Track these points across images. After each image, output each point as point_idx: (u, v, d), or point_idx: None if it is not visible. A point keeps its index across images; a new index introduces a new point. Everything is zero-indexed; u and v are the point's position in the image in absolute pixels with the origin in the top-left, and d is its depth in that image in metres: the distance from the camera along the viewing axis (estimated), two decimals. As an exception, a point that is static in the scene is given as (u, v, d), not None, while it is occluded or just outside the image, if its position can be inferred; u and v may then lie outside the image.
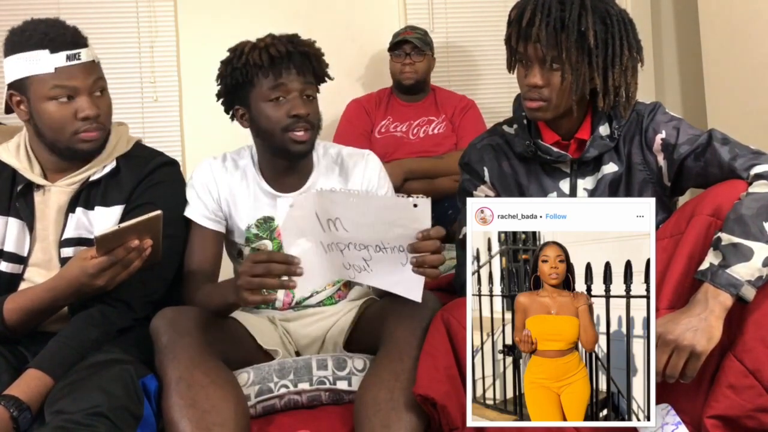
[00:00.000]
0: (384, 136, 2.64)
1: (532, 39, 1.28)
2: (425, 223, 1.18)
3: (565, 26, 1.27)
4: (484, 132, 1.55)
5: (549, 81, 1.31)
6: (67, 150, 1.40)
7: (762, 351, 1.09)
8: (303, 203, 1.21)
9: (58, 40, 1.35)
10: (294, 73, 1.44)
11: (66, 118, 1.37)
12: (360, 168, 1.56)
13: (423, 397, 1.16)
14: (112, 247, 1.22)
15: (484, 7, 3.13)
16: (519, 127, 1.44)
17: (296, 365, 1.39)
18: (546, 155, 1.39)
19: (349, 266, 1.24)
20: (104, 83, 1.44)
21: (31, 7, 2.84)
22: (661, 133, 1.34)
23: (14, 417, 1.16)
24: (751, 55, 2.35)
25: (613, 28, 1.29)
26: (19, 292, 1.37)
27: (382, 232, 1.19)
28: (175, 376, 1.22)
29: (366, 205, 1.20)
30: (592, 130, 1.38)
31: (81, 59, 1.37)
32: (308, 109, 1.45)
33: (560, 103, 1.33)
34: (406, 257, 1.20)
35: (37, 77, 1.35)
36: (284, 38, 1.48)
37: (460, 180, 1.53)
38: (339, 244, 1.22)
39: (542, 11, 1.28)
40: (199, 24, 2.97)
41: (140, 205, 1.43)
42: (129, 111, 2.87)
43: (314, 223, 1.21)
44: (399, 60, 2.63)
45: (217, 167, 1.55)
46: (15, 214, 1.42)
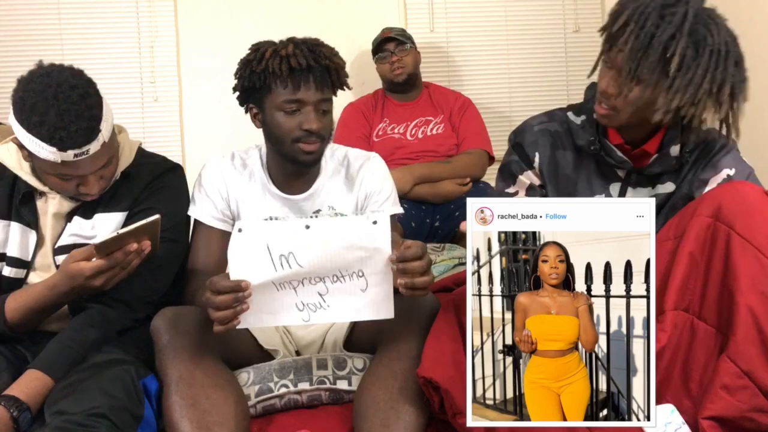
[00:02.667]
0: (382, 139, 2.64)
1: (618, 46, 1.24)
2: (385, 243, 1.14)
3: (651, 44, 1.21)
4: (542, 114, 1.49)
5: (622, 92, 1.27)
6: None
7: (755, 352, 1.09)
8: (254, 231, 1.15)
9: (67, 141, 1.25)
10: (312, 87, 1.42)
11: (69, 189, 1.37)
12: (364, 170, 1.57)
13: (426, 380, 1.15)
14: (110, 250, 1.22)
15: (484, 8, 3.13)
16: (587, 119, 1.40)
17: (296, 365, 1.39)
18: (608, 156, 1.36)
19: (302, 306, 1.18)
20: (113, 154, 1.38)
21: (31, 7, 2.85)
22: (731, 170, 1.32)
23: (14, 417, 1.16)
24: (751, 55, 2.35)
25: (702, 58, 1.22)
26: (20, 290, 1.37)
27: (339, 259, 1.15)
28: (176, 375, 1.22)
29: (322, 231, 1.15)
30: (662, 146, 1.35)
31: (90, 153, 1.29)
32: (321, 123, 1.44)
33: (629, 118, 1.30)
34: (366, 282, 1.16)
35: (43, 159, 1.28)
36: (306, 48, 1.44)
37: (506, 159, 1.47)
38: (292, 281, 1.17)
39: (637, 21, 1.23)
40: (199, 24, 2.97)
41: (142, 210, 1.43)
42: (129, 111, 2.87)
43: (265, 258, 1.15)
44: (386, 61, 2.64)
45: (226, 166, 1.55)
46: (18, 219, 1.42)
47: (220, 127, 2.93)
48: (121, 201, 1.44)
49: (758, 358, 1.08)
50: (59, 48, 2.84)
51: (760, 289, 1.11)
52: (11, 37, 2.84)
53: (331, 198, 1.55)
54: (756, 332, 1.09)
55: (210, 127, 2.97)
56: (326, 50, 1.47)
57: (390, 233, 1.16)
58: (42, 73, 1.28)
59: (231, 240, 1.15)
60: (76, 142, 1.26)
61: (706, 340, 1.16)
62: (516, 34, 3.11)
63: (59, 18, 2.88)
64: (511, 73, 3.11)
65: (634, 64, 1.23)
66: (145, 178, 1.47)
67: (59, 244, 1.41)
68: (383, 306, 1.18)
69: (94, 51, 2.87)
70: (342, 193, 1.56)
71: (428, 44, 3.07)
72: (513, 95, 3.13)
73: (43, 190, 1.42)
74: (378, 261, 1.16)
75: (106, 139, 1.32)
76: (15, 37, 2.84)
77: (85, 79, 1.31)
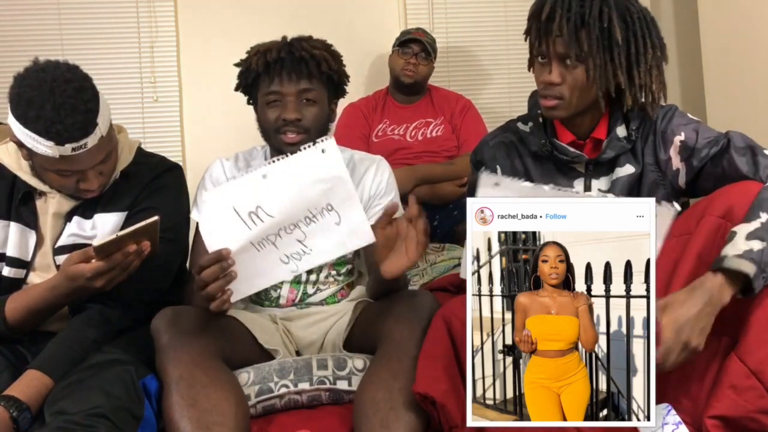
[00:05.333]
0: (381, 140, 2.64)
1: (553, 34, 1.26)
2: (341, 170, 1.18)
3: (586, 22, 1.25)
4: (497, 128, 1.53)
5: (566, 79, 1.29)
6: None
7: (765, 352, 1.08)
8: (215, 198, 1.18)
9: (64, 134, 1.25)
10: (286, 78, 1.47)
11: (69, 186, 1.37)
12: (371, 173, 1.58)
13: (422, 396, 1.15)
14: (110, 252, 1.23)
15: (484, 8, 3.13)
16: (534, 125, 1.42)
17: (296, 365, 1.39)
18: (562, 155, 1.37)
19: (287, 258, 1.21)
20: (111, 148, 1.38)
21: (31, 7, 2.85)
22: (680, 135, 1.33)
23: (14, 417, 1.16)
24: (751, 55, 2.35)
25: (635, 26, 1.27)
26: (21, 291, 1.37)
27: (305, 198, 1.18)
28: (176, 375, 1.22)
29: (280, 175, 1.17)
30: (609, 130, 1.37)
31: (87, 147, 1.29)
32: (299, 113, 1.47)
33: (577, 102, 1.31)
34: (338, 215, 1.19)
35: (41, 154, 1.29)
36: (286, 43, 1.51)
37: (470, 179, 1.51)
38: (269, 236, 1.19)
39: (562, 6, 1.26)
40: (199, 24, 2.98)
41: (142, 210, 1.43)
42: (129, 111, 2.87)
43: (236, 221, 1.17)
44: (405, 57, 2.63)
45: (229, 168, 1.57)
46: (17, 219, 1.42)
47: (220, 127, 2.93)
48: (121, 201, 1.44)
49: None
50: (59, 48, 2.84)
51: None
52: (11, 37, 2.84)
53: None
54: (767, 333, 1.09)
55: (210, 127, 2.97)
56: (308, 43, 1.51)
57: (342, 160, 1.20)
58: (37, 69, 1.28)
59: (199, 215, 1.18)
60: (72, 135, 1.26)
61: (708, 340, 1.16)
62: (516, 34, 3.09)
63: (59, 18, 2.88)
64: (511, 73, 3.12)
65: (577, 45, 1.26)
66: (144, 177, 1.47)
67: (59, 244, 1.41)
68: (361, 232, 1.21)
69: (94, 51, 2.86)
70: None
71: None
72: (513, 95, 3.14)
73: (42, 190, 1.42)
74: (341, 190, 1.20)
75: (103, 133, 1.32)
76: (15, 37, 2.84)
77: (80, 73, 1.32)
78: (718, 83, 2.56)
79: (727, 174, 1.27)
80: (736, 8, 2.43)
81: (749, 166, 1.25)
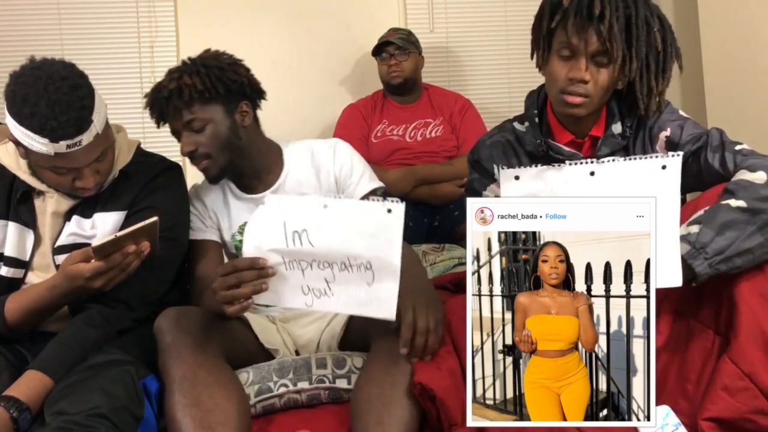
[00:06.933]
0: (381, 140, 2.63)
1: (603, 34, 1.24)
2: (397, 233, 1.15)
3: (633, 24, 1.25)
4: (494, 128, 1.53)
5: (595, 78, 1.29)
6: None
7: (757, 354, 1.08)
8: (274, 203, 1.18)
9: (59, 131, 1.24)
10: (172, 114, 1.52)
11: (65, 184, 1.37)
12: (329, 158, 1.59)
13: (422, 387, 1.15)
14: (109, 252, 1.22)
15: (484, 8, 3.13)
16: (530, 125, 1.42)
17: (295, 364, 1.39)
18: (557, 155, 1.37)
19: (308, 290, 1.19)
20: (107, 146, 1.38)
21: (31, 7, 2.85)
22: (666, 131, 1.34)
23: (14, 418, 1.16)
24: (751, 55, 2.35)
25: (665, 33, 1.28)
26: (20, 291, 1.37)
27: (349, 244, 1.15)
28: (179, 375, 1.22)
29: (338, 212, 1.16)
30: (606, 127, 1.37)
31: (82, 144, 1.29)
32: (192, 146, 1.50)
33: (597, 102, 1.32)
34: (373, 276, 1.16)
35: (37, 152, 1.28)
36: (168, 76, 1.55)
37: (468, 178, 1.51)
38: (302, 261, 1.18)
39: (611, 5, 1.25)
40: (199, 24, 2.97)
41: (141, 209, 1.43)
42: (129, 111, 2.86)
43: (279, 233, 1.17)
44: (384, 62, 2.64)
45: (201, 184, 1.63)
46: (15, 218, 1.42)
47: (220, 127, 2.92)
48: (120, 200, 1.44)
49: (760, 359, 1.08)
50: (59, 48, 2.84)
51: (762, 291, 1.11)
52: (11, 37, 2.84)
53: (299, 189, 1.57)
54: (758, 334, 1.09)
55: (210, 127, 2.97)
56: (187, 68, 1.56)
57: (402, 227, 1.15)
58: (33, 66, 1.29)
59: (254, 214, 1.18)
60: (67, 132, 1.25)
61: (703, 342, 1.16)
62: (516, 34, 3.11)
63: (59, 18, 2.88)
64: (511, 73, 3.12)
65: (625, 46, 1.25)
66: (144, 177, 1.47)
67: (58, 244, 1.41)
68: (386, 305, 1.17)
69: (94, 51, 2.87)
70: (310, 182, 1.58)
71: (428, 44, 3.06)
72: (513, 95, 3.13)
73: (41, 189, 1.42)
74: (387, 255, 1.16)
75: (99, 131, 1.31)
76: (15, 37, 2.84)
77: (76, 71, 1.32)
78: (718, 83, 2.56)
79: (703, 171, 1.28)
80: (736, 8, 2.43)
81: (719, 163, 1.25)
